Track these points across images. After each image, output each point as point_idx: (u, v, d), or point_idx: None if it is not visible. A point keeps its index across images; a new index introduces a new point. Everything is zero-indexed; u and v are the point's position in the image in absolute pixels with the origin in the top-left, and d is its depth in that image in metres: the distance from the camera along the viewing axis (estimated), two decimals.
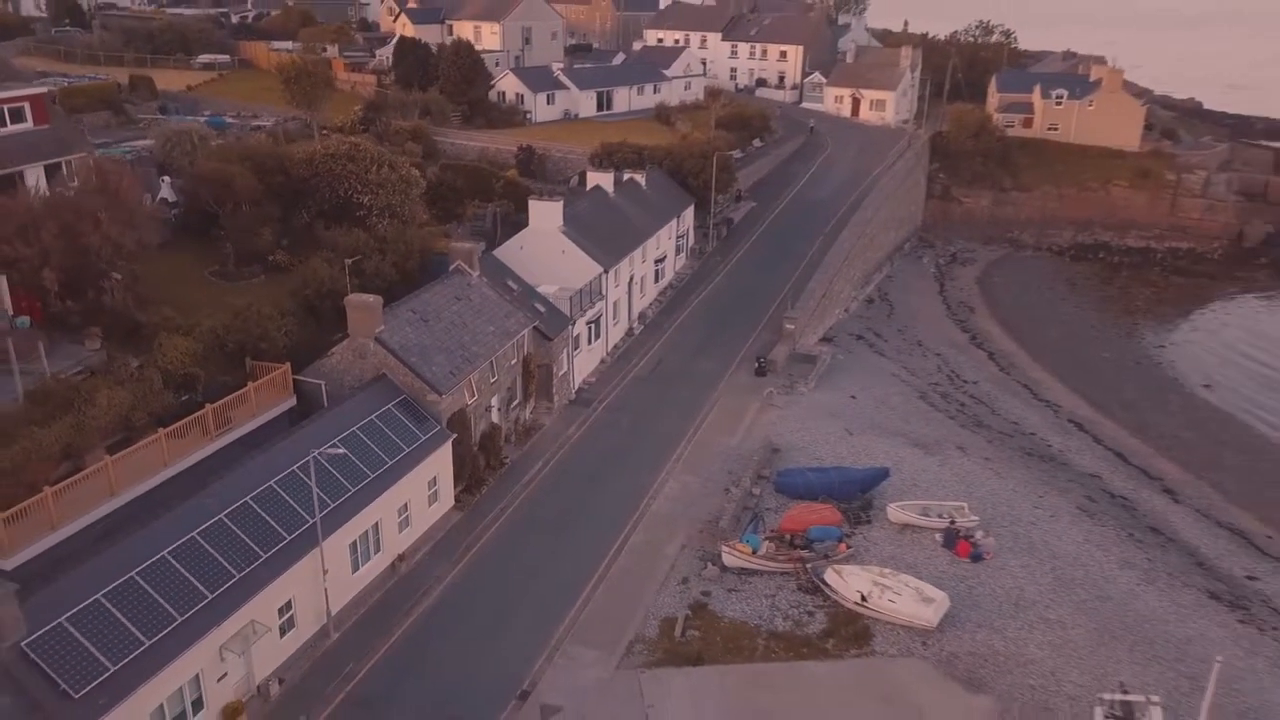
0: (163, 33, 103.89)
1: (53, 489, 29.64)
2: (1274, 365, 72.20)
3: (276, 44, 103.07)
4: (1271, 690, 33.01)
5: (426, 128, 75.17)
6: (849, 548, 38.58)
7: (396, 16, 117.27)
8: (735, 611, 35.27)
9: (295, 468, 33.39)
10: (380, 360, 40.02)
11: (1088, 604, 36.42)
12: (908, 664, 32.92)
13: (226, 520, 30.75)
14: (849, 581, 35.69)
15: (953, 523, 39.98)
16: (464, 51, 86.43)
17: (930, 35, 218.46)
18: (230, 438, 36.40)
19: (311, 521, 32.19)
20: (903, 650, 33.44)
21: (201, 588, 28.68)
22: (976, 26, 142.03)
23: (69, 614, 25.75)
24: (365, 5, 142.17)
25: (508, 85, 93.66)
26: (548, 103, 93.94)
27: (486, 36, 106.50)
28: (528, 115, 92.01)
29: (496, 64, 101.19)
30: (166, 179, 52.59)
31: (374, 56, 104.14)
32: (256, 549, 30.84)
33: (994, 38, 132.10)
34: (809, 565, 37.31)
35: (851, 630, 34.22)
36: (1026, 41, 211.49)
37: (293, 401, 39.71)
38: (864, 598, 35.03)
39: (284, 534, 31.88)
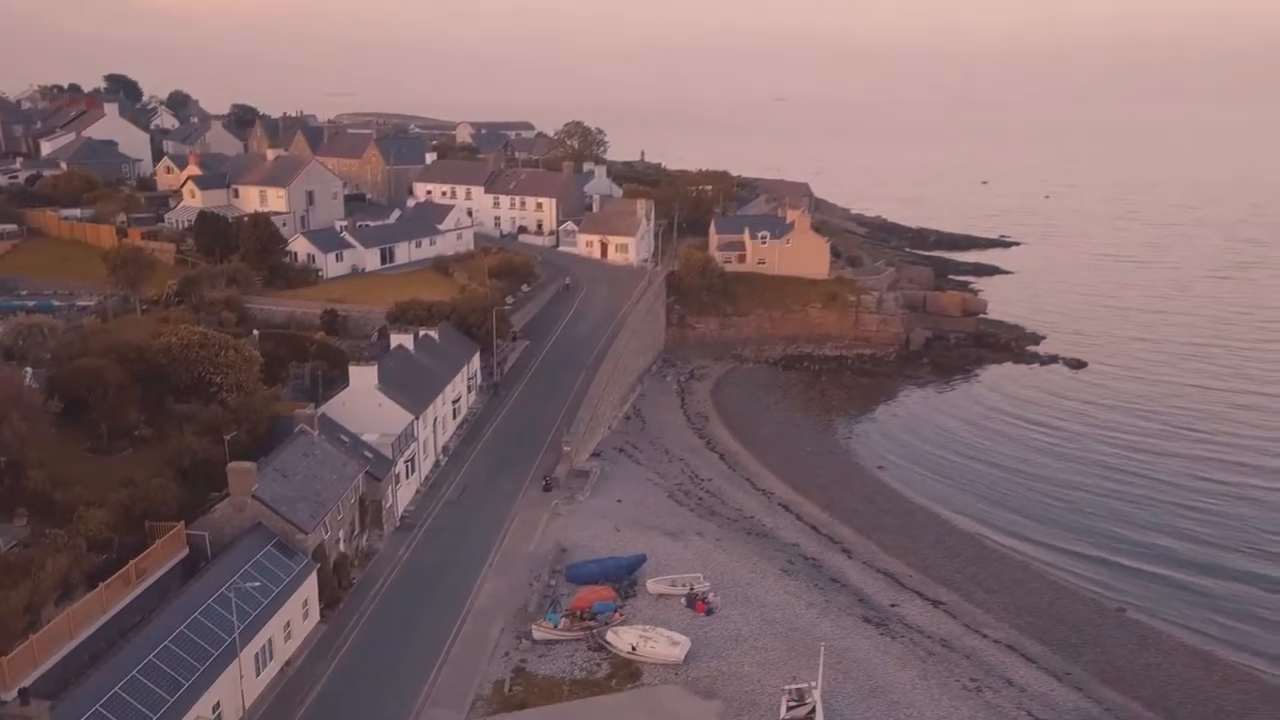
0: None
1: (36, 635, 39.67)
2: (927, 446, 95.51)
3: (65, 212, 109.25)
4: (894, 673, 51.27)
5: (238, 296, 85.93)
6: (622, 616, 54.02)
7: (182, 182, 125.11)
8: (546, 670, 49.54)
9: (213, 600, 44.75)
10: (257, 511, 51.72)
11: (782, 634, 53.64)
12: (666, 689, 48.39)
13: (172, 645, 41.73)
14: (622, 638, 51.05)
15: (692, 589, 56.51)
16: (262, 223, 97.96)
17: (662, 165, 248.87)
18: (143, 586, 46.91)
19: (230, 639, 43.65)
20: (662, 680, 48.90)
21: (165, 694, 39.68)
22: (699, 173, 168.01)
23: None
24: (139, 162, 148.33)
25: (300, 246, 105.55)
26: (337, 260, 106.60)
27: (272, 200, 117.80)
28: (319, 273, 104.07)
29: (284, 225, 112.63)
30: (29, 370, 61.30)
31: (162, 220, 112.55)
32: (195, 663, 42.02)
33: (712, 189, 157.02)
34: (595, 631, 52.37)
35: (627, 672, 49.42)
36: (744, 168, 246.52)
37: (186, 552, 50.45)
38: (634, 648, 50.43)
39: (211, 650, 43.14)
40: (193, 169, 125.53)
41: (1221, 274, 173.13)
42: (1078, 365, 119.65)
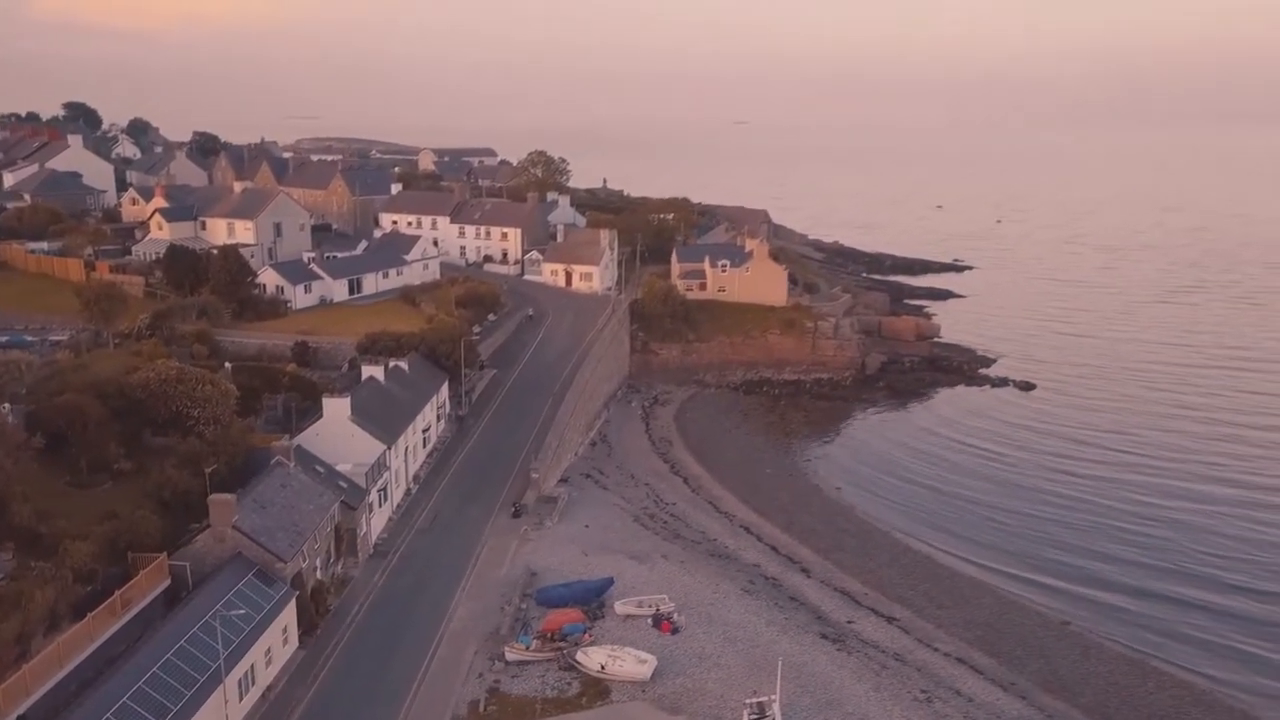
0: None
1: (28, 665, 41.30)
2: (883, 468, 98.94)
3: (32, 245, 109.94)
4: (849, 686, 54.14)
5: (209, 329, 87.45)
6: (591, 637, 56.40)
7: (149, 214, 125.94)
8: (519, 690, 51.74)
9: (197, 629, 46.55)
10: (237, 541, 53.55)
11: (744, 651, 56.32)
12: (634, 705, 50.81)
13: (160, 672, 43.51)
14: (592, 658, 53.43)
15: (658, 610, 59.07)
16: (231, 256, 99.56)
17: (624, 192, 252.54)
18: (128, 616, 48.56)
19: (215, 665, 45.46)
20: (631, 697, 51.31)
21: None
22: (661, 201, 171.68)
23: None
24: (103, 193, 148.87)
25: (269, 278, 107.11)
26: (305, 292, 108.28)
27: (240, 232, 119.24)
28: (288, 304, 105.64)
29: (252, 256, 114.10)
30: (8, 405, 62.56)
31: (130, 253, 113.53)
32: (182, 689, 43.79)
33: (673, 217, 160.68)
34: (565, 652, 54.68)
35: (596, 690, 51.78)
36: (703, 195, 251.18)
37: (168, 582, 52.13)
38: (603, 667, 52.82)
39: (198, 677, 44.93)
40: (159, 201, 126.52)
41: (1164, 299, 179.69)
42: (1027, 387, 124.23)
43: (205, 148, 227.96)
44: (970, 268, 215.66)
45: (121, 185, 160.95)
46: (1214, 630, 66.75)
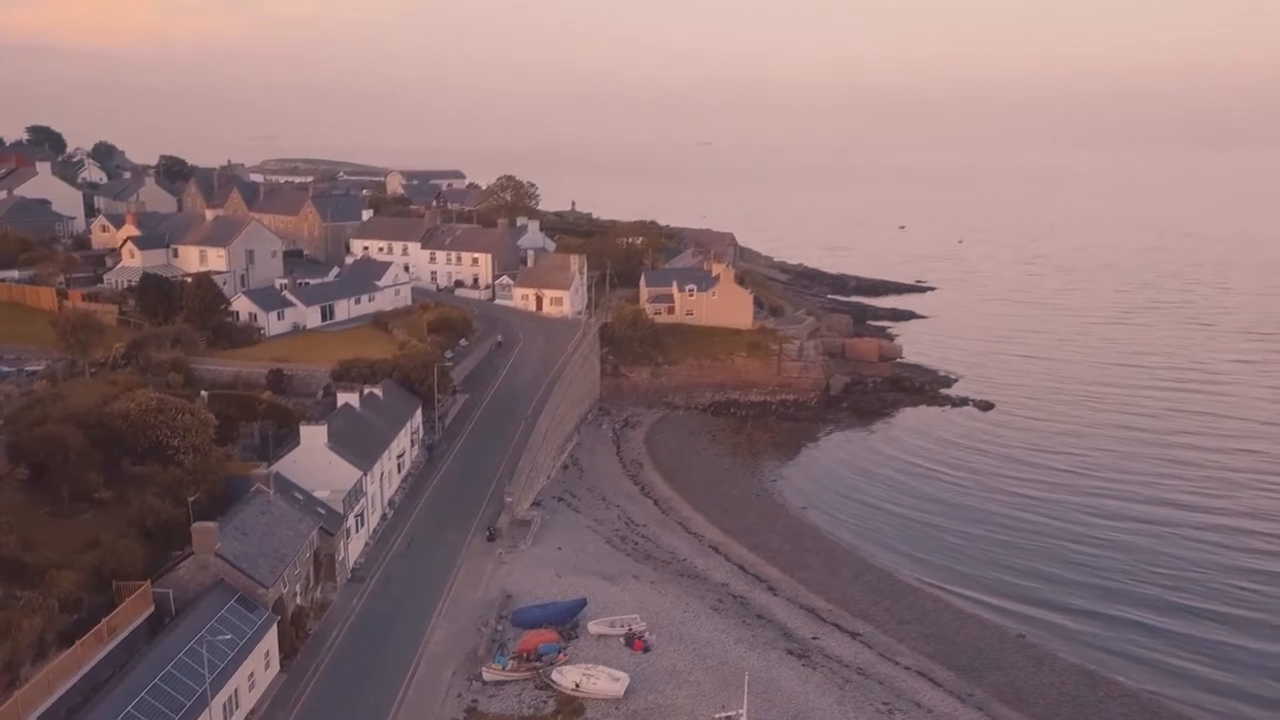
0: None
1: (20, 692, 42.52)
2: (847, 488, 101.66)
3: (2, 274, 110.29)
4: (814, 700, 56.44)
5: (184, 358, 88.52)
6: (566, 656, 58.24)
7: (121, 242, 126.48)
8: (497, 709, 53.46)
9: (183, 654, 47.90)
10: (220, 568, 54.93)
11: (713, 668, 58.45)
12: None
13: (148, 697, 44.85)
14: (567, 676, 55.30)
15: (630, 629, 61.08)
16: (206, 284, 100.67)
17: (592, 214, 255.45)
18: (114, 642, 49.78)
19: (201, 689, 46.83)
20: (604, 714, 53.18)
21: None
22: (629, 224, 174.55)
23: None
24: (72, 219, 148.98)
25: (241, 306, 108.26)
26: (278, 319, 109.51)
27: (213, 260, 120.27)
28: (262, 331, 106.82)
29: (224, 284, 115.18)
30: None
31: (101, 281, 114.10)
32: (170, 713, 45.13)
33: (642, 241, 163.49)
34: (541, 671, 56.50)
35: (571, 708, 53.60)
36: (670, 217, 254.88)
37: (152, 609, 53.37)
38: (577, 685, 54.69)
39: (184, 701, 46.27)
40: (130, 229, 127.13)
41: (1118, 320, 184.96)
42: (986, 407, 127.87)
43: (173, 171, 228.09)
44: (932, 288, 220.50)
45: (90, 211, 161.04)
46: (1158, 647, 69.41)
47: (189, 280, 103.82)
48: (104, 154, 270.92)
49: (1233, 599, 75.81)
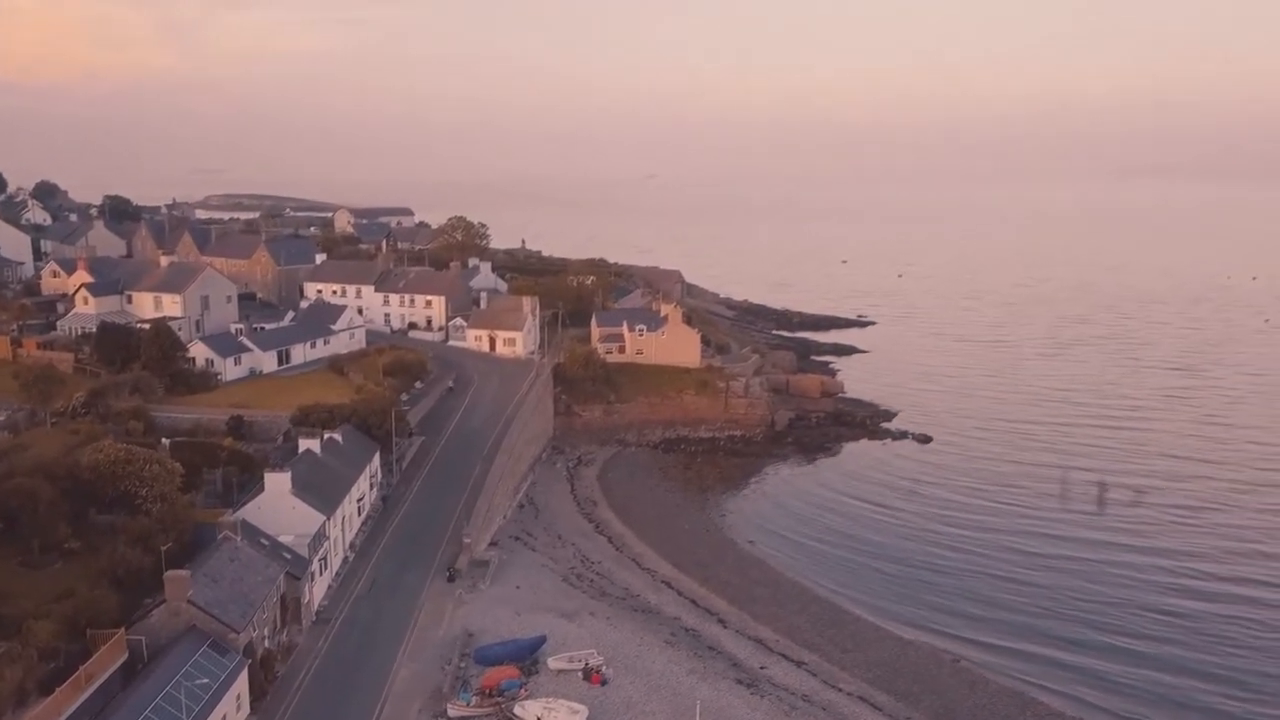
0: None
1: None
2: (792, 521, 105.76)
3: None
4: None
5: (143, 406, 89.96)
6: (527, 691, 61.08)
7: (75, 289, 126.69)
8: None
9: (160, 699, 49.94)
10: (192, 614, 56.99)
11: (667, 698, 61.72)
12: None
13: None
14: (529, 710, 58.20)
15: (588, 664, 64.15)
16: (164, 332, 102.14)
17: (541, 252, 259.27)
18: (91, 690, 51.64)
19: None
20: None
21: None
22: (579, 261, 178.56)
23: None
24: (20, 265, 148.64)
25: (199, 351, 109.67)
26: (235, 364, 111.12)
27: (168, 306, 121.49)
28: (219, 377, 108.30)
29: (180, 329, 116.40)
30: None
31: (54, 328, 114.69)
32: None
33: (593, 280, 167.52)
34: (503, 706, 59.30)
35: None
36: (617, 253, 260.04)
37: (126, 656, 55.24)
38: (539, 719, 57.60)
39: None
40: (83, 274, 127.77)
41: (1049, 353, 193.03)
42: (924, 440, 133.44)
43: (119, 211, 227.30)
44: (873, 323, 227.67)
45: (38, 255, 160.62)
46: (1088, 668, 74.26)
47: (147, 327, 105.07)
48: (46, 194, 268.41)
49: (1144, 633, 79.61)
